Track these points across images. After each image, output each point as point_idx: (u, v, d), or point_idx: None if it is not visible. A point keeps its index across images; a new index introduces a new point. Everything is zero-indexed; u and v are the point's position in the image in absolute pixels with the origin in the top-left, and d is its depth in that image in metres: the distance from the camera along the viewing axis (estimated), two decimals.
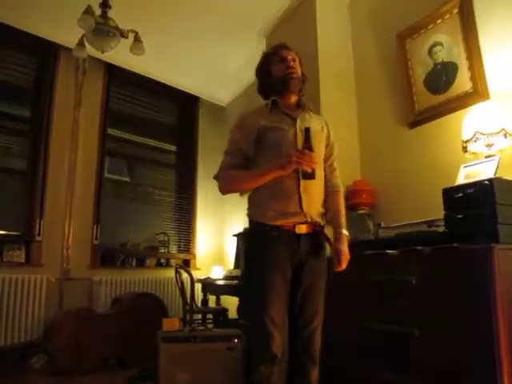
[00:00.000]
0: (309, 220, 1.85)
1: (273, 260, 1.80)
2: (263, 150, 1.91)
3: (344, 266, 1.88)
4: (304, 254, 1.85)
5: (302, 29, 3.62)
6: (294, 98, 2.03)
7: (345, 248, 1.91)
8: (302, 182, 1.82)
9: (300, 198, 1.83)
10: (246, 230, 2.67)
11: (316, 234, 1.90)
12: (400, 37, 3.06)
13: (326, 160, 2.06)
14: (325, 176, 2.03)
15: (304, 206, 1.84)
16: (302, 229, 1.85)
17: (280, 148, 1.86)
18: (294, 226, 1.84)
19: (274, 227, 1.82)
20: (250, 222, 1.95)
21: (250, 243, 1.93)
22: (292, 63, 1.99)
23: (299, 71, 2.02)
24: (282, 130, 1.90)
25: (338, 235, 1.95)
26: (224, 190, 1.96)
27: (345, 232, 1.96)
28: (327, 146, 2.07)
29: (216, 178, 1.99)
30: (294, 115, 1.95)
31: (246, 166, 1.95)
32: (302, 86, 2.06)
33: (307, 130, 1.77)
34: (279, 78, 1.98)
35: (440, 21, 2.79)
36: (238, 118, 2.05)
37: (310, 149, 1.72)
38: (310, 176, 1.72)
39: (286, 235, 1.82)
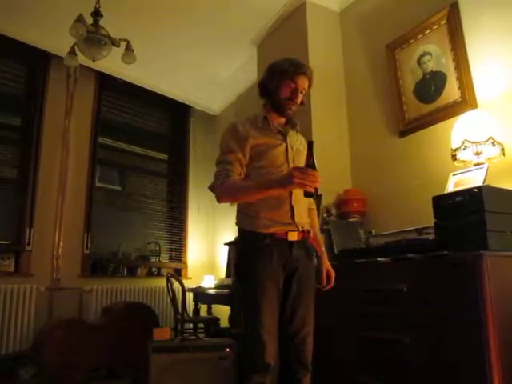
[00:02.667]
0: (300, 229, 1.88)
1: (266, 268, 1.80)
2: (256, 163, 1.90)
3: (332, 284, 2.01)
4: (296, 261, 1.86)
5: (293, 38, 3.66)
6: (284, 118, 2.03)
7: (330, 266, 2.04)
8: (294, 194, 1.83)
9: (292, 208, 1.86)
10: (236, 239, 2.67)
11: (306, 241, 1.93)
12: (390, 47, 3.11)
13: None
14: None
15: (296, 216, 1.86)
16: (294, 236, 1.86)
17: (273, 162, 1.88)
18: (286, 234, 1.84)
19: (266, 235, 1.82)
20: (241, 231, 1.94)
21: (242, 252, 1.91)
22: (298, 98, 1.96)
23: (299, 102, 2.00)
24: (274, 145, 1.92)
25: (321, 254, 2.04)
26: (221, 199, 1.88)
27: (324, 250, 2.08)
28: None
29: (212, 187, 1.90)
30: (284, 131, 1.98)
31: (240, 176, 1.91)
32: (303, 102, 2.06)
33: (310, 144, 1.66)
34: (280, 100, 1.96)
35: (428, 31, 2.84)
36: (230, 127, 1.99)
37: (313, 165, 1.63)
38: (313, 195, 1.65)
39: (278, 243, 1.83)
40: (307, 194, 1.66)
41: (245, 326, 1.86)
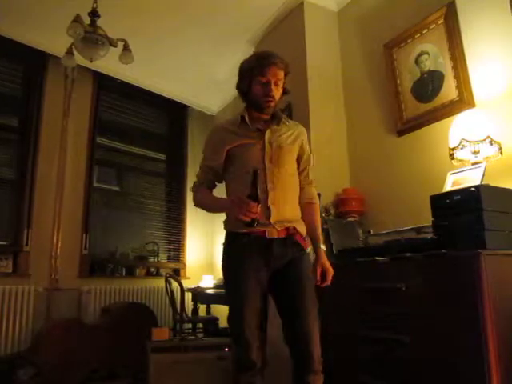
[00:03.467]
0: (278, 228, 1.84)
1: (246, 267, 1.81)
2: (231, 167, 1.95)
3: (329, 281, 1.92)
4: (279, 259, 1.83)
5: (291, 38, 3.66)
6: (266, 115, 1.97)
7: (327, 263, 1.93)
8: (271, 195, 1.82)
9: (268, 209, 1.82)
10: None
11: (292, 238, 1.87)
12: (387, 46, 3.11)
13: (300, 172, 2.02)
14: (301, 188, 2.01)
15: (272, 217, 1.82)
16: (273, 233, 1.83)
17: (245, 164, 1.87)
18: (265, 232, 1.82)
19: (244, 234, 1.82)
20: (225, 232, 1.96)
21: (224, 252, 1.93)
22: (273, 91, 1.87)
23: (278, 95, 1.92)
24: (249, 145, 1.90)
25: (317, 250, 1.95)
26: (194, 204, 2.04)
27: (322, 247, 1.99)
28: (300, 157, 2.02)
29: (191, 190, 2.04)
30: (264, 128, 1.93)
31: (218, 180, 2.02)
32: (287, 90, 1.98)
33: (255, 173, 1.69)
34: (256, 99, 1.91)
35: (426, 31, 2.84)
36: (209, 133, 2.07)
37: (255, 196, 1.66)
38: (249, 224, 1.69)
39: (257, 241, 1.82)
40: (245, 224, 1.71)
41: (231, 327, 1.89)
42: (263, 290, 1.83)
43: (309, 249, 1.96)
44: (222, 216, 1.99)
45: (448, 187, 2.28)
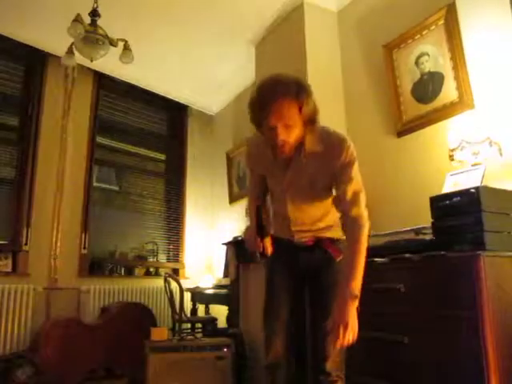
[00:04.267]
0: (303, 239, 1.87)
1: (274, 268, 1.93)
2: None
3: (340, 340, 1.54)
4: (306, 265, 1.89)
5: (291, 38, 3.66)
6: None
7: (341, 312, 1.56)
8: (291, 214, 1.85)
9: (291, 231, 1.88)
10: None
11: (319, 245, 1.88)
12: (387, 47, 3.11)
13: (337, 194, 1.81)
14: (341, 212, 1.78)
15: (295, 238, 1.88)
16: (300, 242, 1.89)
17: (274, 194, 1.95)
18: (292, 240, 1.89)
19: (277, 238, 1.90)
20: None
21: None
22: (281, 135, 1.59)
23: (292, 136, 1.62)
24: (274, 176, 1.88)
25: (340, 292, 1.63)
26: None
27: (349, 289, 1.59)
28: (332, 179, 1.81)
29: None
30: (288, 162, 1.75)
31: (258, 189, 2.03)
32: (314, 117, 1.79)
33: (258, 209, 1.83)
34: (272, 145, 1.69)
35: (426, 32, 2.84)
36: (247, 149, 2.00)
37: (260, 229, 1.81)
38: (259, 257, 1.83)
39: (286, 246, 1.89)
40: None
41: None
42: (290, 293, 1.89)
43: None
44: (222, 216, 2.01)
45: (448, 188, 2.28)
